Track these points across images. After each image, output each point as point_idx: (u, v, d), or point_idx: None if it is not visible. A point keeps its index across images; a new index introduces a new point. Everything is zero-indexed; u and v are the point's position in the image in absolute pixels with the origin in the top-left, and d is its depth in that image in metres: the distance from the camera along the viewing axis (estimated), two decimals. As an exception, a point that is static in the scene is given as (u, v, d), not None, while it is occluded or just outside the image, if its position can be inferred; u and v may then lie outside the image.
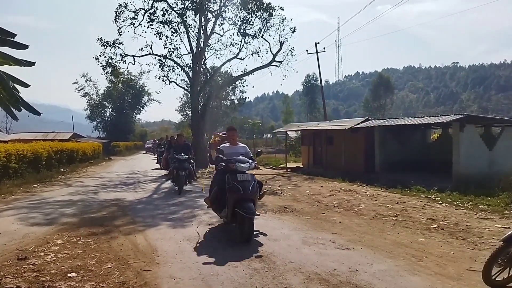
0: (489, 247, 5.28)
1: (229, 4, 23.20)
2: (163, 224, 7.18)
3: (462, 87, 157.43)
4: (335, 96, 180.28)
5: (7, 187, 12.22)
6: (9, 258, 5.00)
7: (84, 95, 50.36)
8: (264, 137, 58.23)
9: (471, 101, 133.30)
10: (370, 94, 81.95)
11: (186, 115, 53.30)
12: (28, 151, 15.21)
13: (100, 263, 4.82)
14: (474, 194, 9.54)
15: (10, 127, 51.30)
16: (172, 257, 5.06)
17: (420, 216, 7.64)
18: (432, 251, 5.28)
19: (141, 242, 5.88)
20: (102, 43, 22.73)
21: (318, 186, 12.52)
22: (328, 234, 6.29)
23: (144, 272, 4.48)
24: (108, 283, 4.13)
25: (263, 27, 23.02)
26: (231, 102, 43.71)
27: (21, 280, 4.19)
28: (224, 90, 37.77)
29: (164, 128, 77.45)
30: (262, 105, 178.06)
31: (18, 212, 8.45)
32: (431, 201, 9.37)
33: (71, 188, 13.06)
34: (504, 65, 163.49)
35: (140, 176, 17.62)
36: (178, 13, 22.78)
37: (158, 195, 11.40)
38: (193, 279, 4.23)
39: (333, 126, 18.24)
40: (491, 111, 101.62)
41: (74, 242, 5.84)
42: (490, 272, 3.69)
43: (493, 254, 3.74)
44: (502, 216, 7.48)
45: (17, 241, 5.96)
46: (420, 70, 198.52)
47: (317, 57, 31.70)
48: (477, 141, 12.47)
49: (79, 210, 8.69)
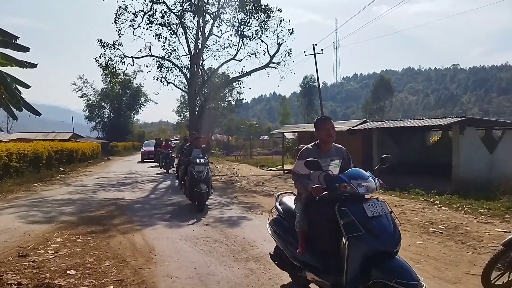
0: (489, 251, 5.25)
1: (227, 6, 23.32)
2: (160, 224, 7.27)
3: (463, 89, 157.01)
4: (333, 97, 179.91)
5: (8, 185, 12.31)
6: (10, 255, 5.09)
7: (82, 96, 50.57)
8: (261, 139, 58.25)
9: (472, 104, 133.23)
10: (370, 96, 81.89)
11: (184, 116, 53.36)
12: (29, 150, 15.28)
13: (99, 261, 4.90)
14: (474, 197, 9.43)
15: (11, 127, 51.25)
16: (169, 256, 5.14)
17: (418, 219, 7.60)
18: (431, 254, 5.27)
19: (139, 241, 5.96)
20: (102, 44, 22.81)
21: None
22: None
23: (142, 270, 4.56)
24: (106, 280, 4.22)
25: (261, 29, 23.09)
26: (228, 104, 43.71)
27: (21, 277, 4.27)
28: (222, 91, 37.77)
29: (162, 129, 77.45)
30: (259, 106, 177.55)
31: (18, 210, 8.55)
32: (430, 204, 9.30)
33: (71, 187, 13.14)
34: (506, 67, 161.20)
35: (137, 176, 17.69)
36: (177, 15, 22.88)
37: (155, 195, 11.48)
38: (190, 278, 4.31)
39: (331, 128, 18.25)
40: (492, 114, 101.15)
41: (73, 240, 5.93)
42: (489, 276, 3.66)
43: (493, 258, 3.71)
44: (503, 220, 7.42)
45: (17, 238, 6.04)
46: (419, 72, 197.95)
47: (314, 58, 31.72)
48: (477, 144, 12.40)
49: (78, 209, 8.79)
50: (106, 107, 52.92)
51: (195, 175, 8.42)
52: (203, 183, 8.44)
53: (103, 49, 22.89)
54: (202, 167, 8.60)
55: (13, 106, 4.05)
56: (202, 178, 8.44)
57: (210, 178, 8.86)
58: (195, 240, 6.03)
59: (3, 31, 3.90)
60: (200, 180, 8.41)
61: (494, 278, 3.69)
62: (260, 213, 8.34)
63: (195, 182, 8.40)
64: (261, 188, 12.85)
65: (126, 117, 53.64)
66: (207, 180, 8.63)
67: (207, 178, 8.63)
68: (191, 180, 8.49)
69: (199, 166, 8.58)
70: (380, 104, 73.84)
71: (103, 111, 53.03)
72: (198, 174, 8.44)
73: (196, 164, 8.61)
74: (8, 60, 3.92)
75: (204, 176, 8.50)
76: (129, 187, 13.42)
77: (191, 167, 8.62)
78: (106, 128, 52.37)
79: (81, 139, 36.74)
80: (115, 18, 22.55)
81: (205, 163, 8.76)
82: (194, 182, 8.42)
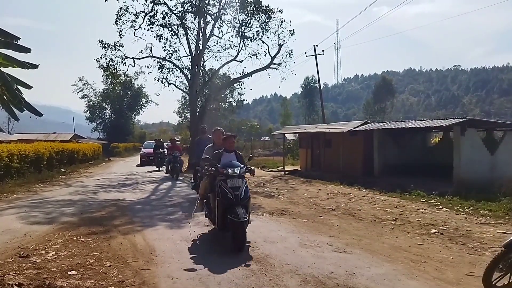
0: (490, 253, 5.26)
1: (228, 7, 23.31)
2: (161, 225, 7.28)
3: (464, 90, 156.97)
4: (334, 99, 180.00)
5: (9, 186, 12.32)
6: (11, 256, 5.10)
7: (83, 97, 50.74)
8: (262, 140, 58.28)
9: (473, 105, 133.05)
10: (371, 97, 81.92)
11: (185, 117, 53.41)
12: (30, 151, 15.30)
13: (100, 261, 4.90)
14: (475, 199, 9.42)
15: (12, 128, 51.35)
16: (170, 257, 5.15)
17: (419, 220, 7.60)
18: (431, 255, 5.27)
19: (140, 241, 5.97)
20: (103, 45, 22.83)
21: (315, 189, 12.57)
22: (326, 237, 6.33)
23: (143, 271, 4.56)
24: (107, 281, 4.22)
25: (262, 30, 23.06)
26: (229, 105, 43.74)
27: (22, 277, 4.28)
28: (223, 92, 37.79)
29: (163, 130, 77.52)
30: (260, 107, 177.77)
31: (19, 211, 8.56)
32: (431, 205, 9.29)
33: (72, 188, 13.16)
34: (507, 68, 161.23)
35: (138, 177, 17.71)
36: (178, 16, 22.89)
37: (156, 196, 11.49)
38: (190, 279, 4.31)
39: (331, 129, 18.28)
40: (493, 115, 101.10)
41: (74, 241, 5.93)
42: (490, 277, 3.67)
43: (494, 259, 3.71)
44: (504, 221, 7.42)
45: (18, 239, 6.05)
46: (420, 73, 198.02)
47: (315, 59, 31.75)
48: (478, 145, 12.40)
49: (79, 210, 8.80)
50: (107, 108, 53.14)
51: (229, 194, 5.63)
52: (240, 206, 5.58)
53: (104, 50, 22.91)
54: (239, 181, 5.81)
55: (14, 107, 4.05)
56: (240, 198, 5.63)
57: (249, 197, 5.94)
58: (195, 240, 6.04)
59: (4, 32, 3.90)
60: (237, 202, 5.59)
61: (495, 280, 3.69)
62: (261, 214, 8.34)
63: (228, 205, 5.61)
64: (262, 189, 12.84)
65: (127, 118, 53.81)
66: (246, 201, 5.78)
67: (246, 198, 5.78)
68: (222, 200, 5.68)
69: (234, 180, 5.78)
70: (381, 105, 73.90)
71: (104, 112, 53.27)
72: (233, 191, 5.65)
73: (230, 176, 5.79)
74: (10, 61, 3.92)
75: (243, 195, 5.70)
76: (130, 188, 13.45)
77: (221, 180, 5.81)
78: (107, 129, 52.54)
79: (82, 140, 36.81)
80: (116, 19, 22.58)
81: (242, 174, 5.94)
82: (227, 204, 5.63)
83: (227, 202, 5.61)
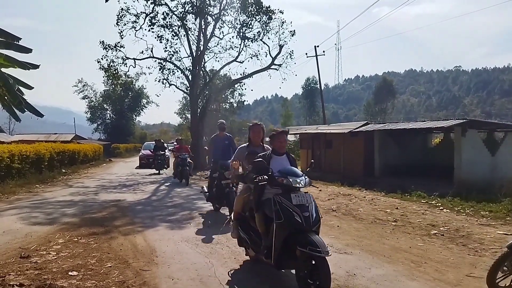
0: (490, 254, 5.26)
1: (229, 7, 23.37)
2: (162, 225, 7.28)
3: (465, 91, 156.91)
4: (335, 99, 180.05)
5: (10, 187, 12.32)
6: (12, 256, 5.10)
7: (84, 98, 50.89)
8: (262, 140, 58.10)
9: (474, 106, 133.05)
10: (372, 98, 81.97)
11: (186, 118, 53.53)
12: (31, 152, 15.30)
13: (100, 262, 4.90)
14: (475, 200, 9.39)
15: (13, 128, 51.51)
16: (171, 257, 5.14)
17: (420, 221, 7.58)
18: (432, 256, 5.26)
19: (140, 242, 5.96)
20: (104, 46, 22.89)
21: (316, 190, 12.52)
22: (326, 237, 6.25)
23: (143, 272, 4.56)
24: (108, 282, 4.21)
25: (263, 30, 23.12)
26: (230, 105, 43.76)
27: (23, 278, 4.28)
28: (223, 93, 37.87)
29: (164, 131, 77.61)
30: (261, 108, 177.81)
31: (20, 212, 8.56)
32: (431, 206, 9.27)
33: (72, 189, 13.16)
34: (508, 69, 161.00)
35: (139, 178, 17.72)
36: (179, 16, 22.94)
37: (156, 197, 11.49)
38: (191, 280, 4.31)
39: (332, 130, 18.26)
40: (494, 116, 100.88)
41: (75, 242, 5.93)
42: (494, 278, 3.69)
43: (498, 260, 3.72)
44: (504, 222, 7.40)
45: (19, 239, 6.05)
46: (421, 74, 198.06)
47: (316, 60, 31.81)
48: (479, 146, 12.36)
49: (80, 210, 8.80)
50: (108, 109, 53.30)
51: (296, 215, 3.83)
52: (311, 232, 3.83)
53: (105, 50, 23.00)
54: (306, 196, 4.06)
55: (15, 108, 4.06)
56: (311, 221, 3.86)
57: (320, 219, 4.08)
58: (196, 241, 6.03)
59: (5, 32, 3.91)
60: (309, 227, 3.83)
61: (498, 280, 3.71)
62: (262, 215, 8.31)
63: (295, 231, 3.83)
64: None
65: (128, 119, 53.94)
66: (317, 226, 4.00)
67: (318, 222, 4.00)
68: (284, 225, 3.83)
69: (300, 195, 4.03)
70: (382, 106, 73.97)
71: (105, 112, 53.45)
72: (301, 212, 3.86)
73: (293, 188, 4.07)
74: (11, 62, 3.93)
75: (315, 217, 3.93)
76: (131, 188, 13.45)
77: (279, 196, 4.02)
78: (108, 129, 52.70)
79: (83, 141, 36.87)
80: (117, 20, 22.67)
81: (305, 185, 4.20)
82: (292, 229, 3.84)
83: (294, 227, 3.81)
